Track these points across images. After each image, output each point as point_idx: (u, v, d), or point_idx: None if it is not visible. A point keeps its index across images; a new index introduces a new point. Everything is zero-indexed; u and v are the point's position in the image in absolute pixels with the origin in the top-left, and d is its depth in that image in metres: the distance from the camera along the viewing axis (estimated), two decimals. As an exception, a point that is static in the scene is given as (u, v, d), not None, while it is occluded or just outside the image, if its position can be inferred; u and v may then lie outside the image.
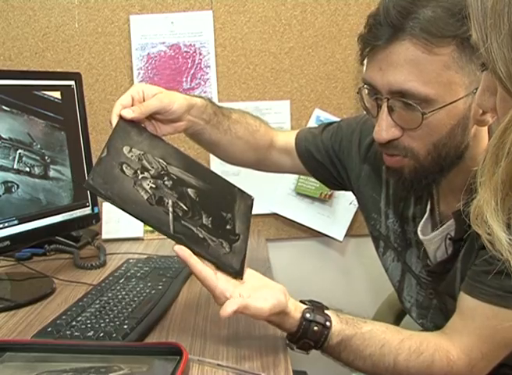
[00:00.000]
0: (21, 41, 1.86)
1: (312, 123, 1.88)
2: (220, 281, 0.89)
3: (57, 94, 1.41)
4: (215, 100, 1.86)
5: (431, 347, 0.95)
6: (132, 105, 1.02)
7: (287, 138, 1.33)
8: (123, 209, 0.88)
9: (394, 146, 0.96)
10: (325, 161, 1.29)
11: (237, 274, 0.94)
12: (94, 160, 1.47)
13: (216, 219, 0.98)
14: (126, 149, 0.96)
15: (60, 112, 1.41)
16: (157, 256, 1.51)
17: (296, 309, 0.95)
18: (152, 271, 1.32)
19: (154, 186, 0.94)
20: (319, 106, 1.90)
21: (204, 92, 1.88)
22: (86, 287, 1.31)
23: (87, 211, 1.49)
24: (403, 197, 1.14)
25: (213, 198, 1.03)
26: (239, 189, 1.08)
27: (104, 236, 1.79)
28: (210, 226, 0.96)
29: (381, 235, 1.20)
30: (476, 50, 0.53)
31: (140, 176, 0.94)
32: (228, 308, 0.86)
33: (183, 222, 0.93)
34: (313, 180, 1.40)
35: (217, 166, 1.80)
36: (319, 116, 1.89)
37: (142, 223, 1.69)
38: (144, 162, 0.97)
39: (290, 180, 1.91)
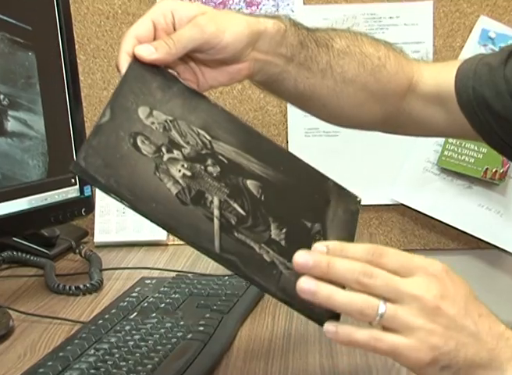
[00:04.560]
0: None
1: (474, 44, 1.92)
2: None
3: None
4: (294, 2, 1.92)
5: None
6: (154, 39, 1.04)
7: (439, 76, 1.33)
8: (136, 210, 0.91)
9: None
10: (511, 113, 1.27)
11: (321, 324, 0.94)
12: (87, 110, 1.45)
13: (294, 232, 1.01)
14: (142, 112, 0.99)
15: (27, 18, 1.45)
16: (193, 275, 1.54)
17: None
18: (187, 300, 1.36)
19: (189, 174, 0.98)
20: (487, 12, 1.93)
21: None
22: (69, 327, 1.32)
23: (71, 193, 1.53)
24: None
25: (289, 196, 1.07)
26: (335, 183, 1.11)
27: (99, 238, 1.84)
28: (283, 242, 0.99)
29: None
30: None
31: (166, 157, 0.97)
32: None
33: (236, 234, 0.96)
34: (471, 146, 1.37)
35: (299, 120, 1.92)
36: (487, 31, 1.91)
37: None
38: (174, 133, 1.01)
39: (429, 145, 1.94)
